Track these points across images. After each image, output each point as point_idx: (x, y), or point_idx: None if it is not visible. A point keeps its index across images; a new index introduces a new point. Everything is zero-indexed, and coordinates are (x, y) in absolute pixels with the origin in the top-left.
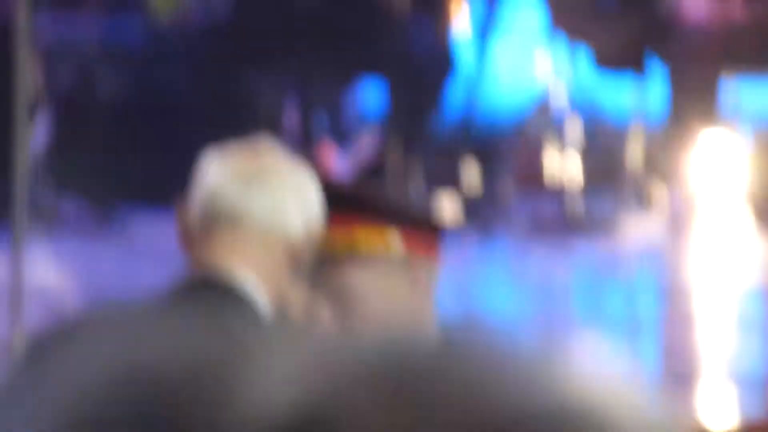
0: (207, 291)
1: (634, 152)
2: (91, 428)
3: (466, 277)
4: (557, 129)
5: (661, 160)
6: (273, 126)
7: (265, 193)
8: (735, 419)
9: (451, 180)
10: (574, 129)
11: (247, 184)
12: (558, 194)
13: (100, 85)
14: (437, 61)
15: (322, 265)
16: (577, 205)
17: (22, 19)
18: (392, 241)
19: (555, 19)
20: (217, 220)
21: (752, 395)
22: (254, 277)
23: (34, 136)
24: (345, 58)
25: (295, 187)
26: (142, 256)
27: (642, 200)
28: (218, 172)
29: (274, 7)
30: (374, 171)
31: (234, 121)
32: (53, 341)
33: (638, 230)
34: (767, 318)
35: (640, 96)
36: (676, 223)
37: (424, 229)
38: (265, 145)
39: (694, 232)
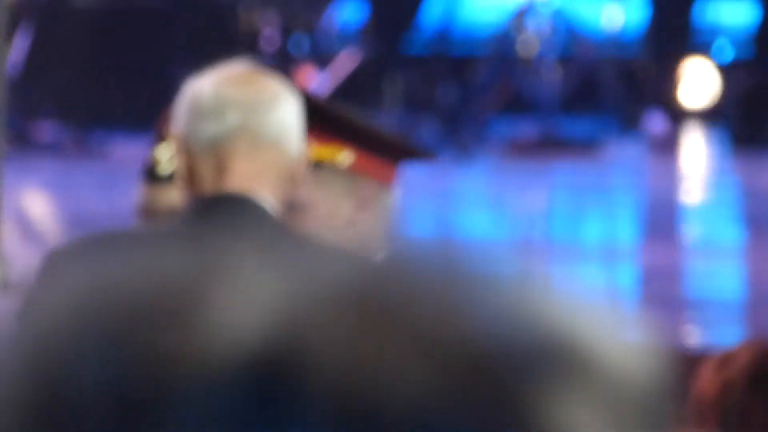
0: (233, 211)
1: (616, 73)
2: (60, 354)
3: (444, 199)
4: (535, 46)
5: (640, 80)
6: (252, 46)
7: (274, 116)
8: (716, 342)
9: (428, 99)
10: (553, 46)
11: (255, 109)
12: (536, 114)
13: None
14: None
15: None
16: (556, 125)
17: None
18: (342, 156)
19: None
20: (231, 144)
21: (733, 318)
22: (270, 196)
23: (10, 55)
24: None
25: (293, 108)
26: (121, 180)
27: (621, 120)
28: (221, 98)
29: None
30: (351, 89)
31: (213, 41)
32: (63, 257)
33: (618, 151)
34: (747, 240)
35: (620, 14)
36: (656, 143)
37: (381, 155)
38: (253, 68)
39: (674, 153)
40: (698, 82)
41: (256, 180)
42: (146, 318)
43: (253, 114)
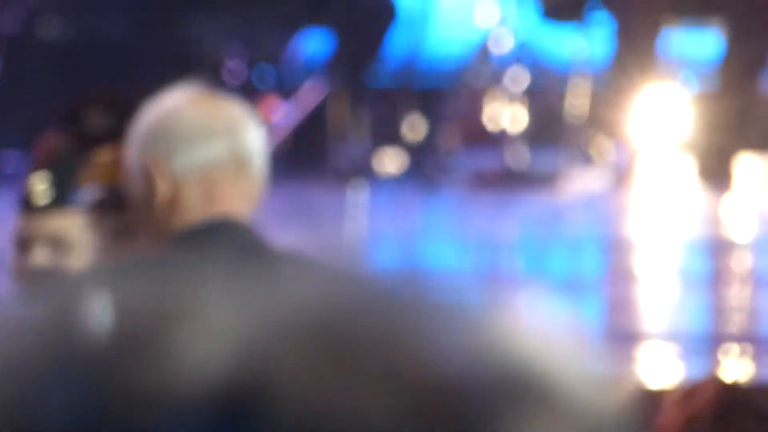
0: (226, 237)
1: (578, 104)
2: (33, 381)
3: (409, 230)
4: (499, 78)
5: (604, 113)
6: (216, 75)
7: (251, 140)
8: (677, 377)
9: (394, 131)
10: (517, 79)
11: (237, 134)
12: (500, 146)
13: (41, 27)
14: (379, 8)
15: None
16: (520, 158)
17: None
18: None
19: None
20: (220, 170)
21: (694, 352)
22: (247, 217)
23: None
24: (289, 7)
25: (261, 131)
26: None
27: (585, 153)
28: (203, 123)
29: None
30: (316, 121)
31: (176, 68)
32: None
33: (582, 184)
34: (710, 273)
35: (584, 47)
36: (620, 176)
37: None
38: (210, 91)
39: (638, 186)
40: (663, 113)
41: (239, 203)
42: (113, 351)
43: (235, 139)
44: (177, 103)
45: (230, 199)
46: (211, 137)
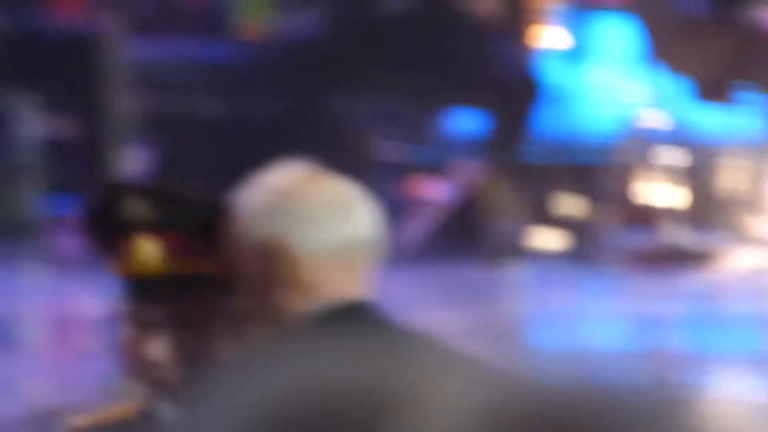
0: (372, 318)
1: (732, 182)
2: None
3: (565, 308)
4: (653, 156)
5: (758, 189)
6: (366, 152)
7: (371, 218)
8: None
9: (548, 208)
10: (671, 157)
11: (362, 213)
12: (656, 223)
13: (194, 107)
14: (529, 86)
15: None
16: (677, 235)
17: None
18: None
19: (653, 48)
20: (360, 248)
21: None
22: (370, 298)
23: (134, 160)
24: (438, 86)
25: (375, 211)
26: None
27: (741, 230)
28: (336, 202)
29: (367, 32)
30: (468, 198)
31: (327, 148)
32: (230, 371)
33: (739, 260)
34: None
35: (738, 125)
36: None
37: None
38: (326, 171)
39: None
40: None
41: (360, 283)
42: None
43: (355, 218)
44: (295, 181)
45: (353, 280)
46: (334, 217)
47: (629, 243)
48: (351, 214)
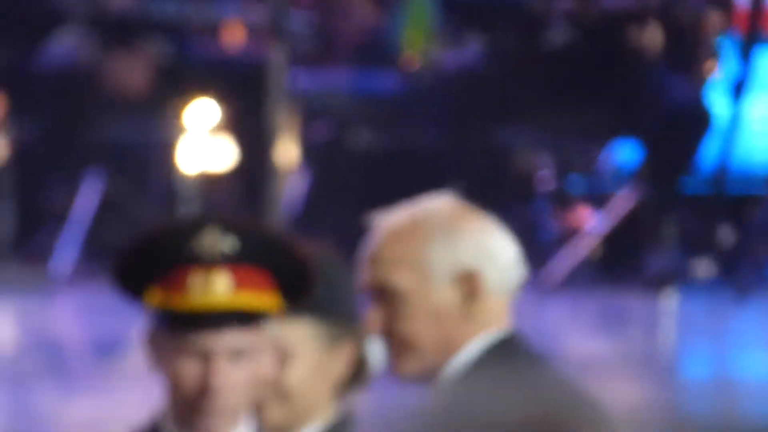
0: (518, 348)
1: None
2: None
3: (721, 339)
4: None
5: None
6: (527, 186)
7: (513, 252)
8: None
9: (705, 239)
10: None
11: (512, 246)
12: None
13: (353, 138)
14: (692, 118)
15: None
16: None
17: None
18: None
19: None
20: (510, 282)
21: None
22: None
23: (290, 191)
24: (600, 118)
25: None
26: None
27: None
28: (498, 236)
29: (529, 63)
30: (627, 229)
31: (488, 181)
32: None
33: None
34: None
35: None
36: None
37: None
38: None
39: None
40: None
41: (508, 316)
42: None
43: (512, 251)
44: (478, 217)
45: (506, 313)
46: (507, 251)
47: None
48: (513, 248)
